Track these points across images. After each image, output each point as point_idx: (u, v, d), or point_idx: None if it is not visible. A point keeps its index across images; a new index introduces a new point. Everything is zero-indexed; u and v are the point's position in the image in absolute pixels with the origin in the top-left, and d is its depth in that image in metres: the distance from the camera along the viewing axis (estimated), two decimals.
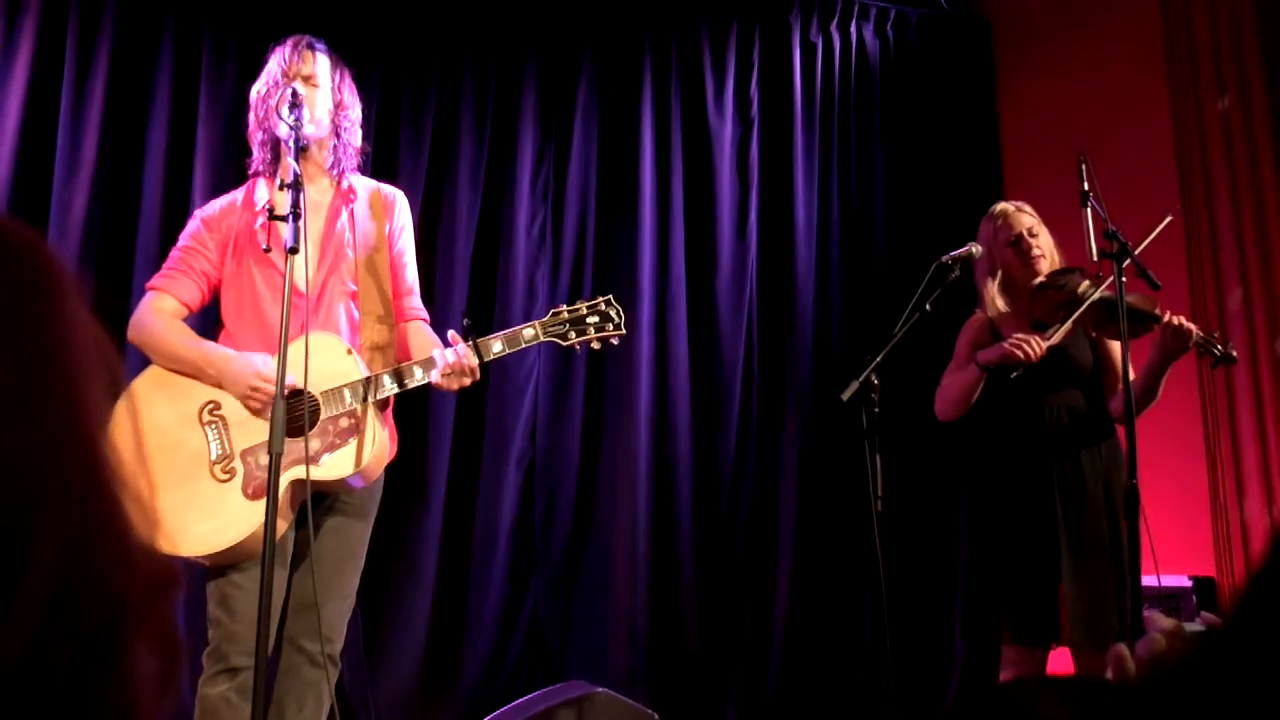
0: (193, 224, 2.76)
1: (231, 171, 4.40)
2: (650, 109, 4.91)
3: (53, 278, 0.55)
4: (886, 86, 5.24)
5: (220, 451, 2.50)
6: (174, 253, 2.73)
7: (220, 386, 2.53)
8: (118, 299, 3.96)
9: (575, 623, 4.54)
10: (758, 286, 4.94)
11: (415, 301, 2.84)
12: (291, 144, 2.46)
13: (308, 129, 2.56)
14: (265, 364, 2.47)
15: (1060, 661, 3.16)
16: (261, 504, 2.40)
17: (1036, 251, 3.16)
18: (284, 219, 2.35)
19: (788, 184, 5.02)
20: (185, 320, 2.70)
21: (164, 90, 4.26)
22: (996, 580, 3.04)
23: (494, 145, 4.67)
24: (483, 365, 2.61)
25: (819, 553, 4.73)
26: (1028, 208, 3.26)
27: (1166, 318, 2.97)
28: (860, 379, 2.84)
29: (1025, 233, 3.18)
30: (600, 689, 3.61)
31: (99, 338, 0.57)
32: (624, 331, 2.72)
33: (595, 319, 2.68)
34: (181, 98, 4.29)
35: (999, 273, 3.23)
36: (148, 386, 2.57)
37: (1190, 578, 3.98)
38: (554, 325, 2.66)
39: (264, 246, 2.50)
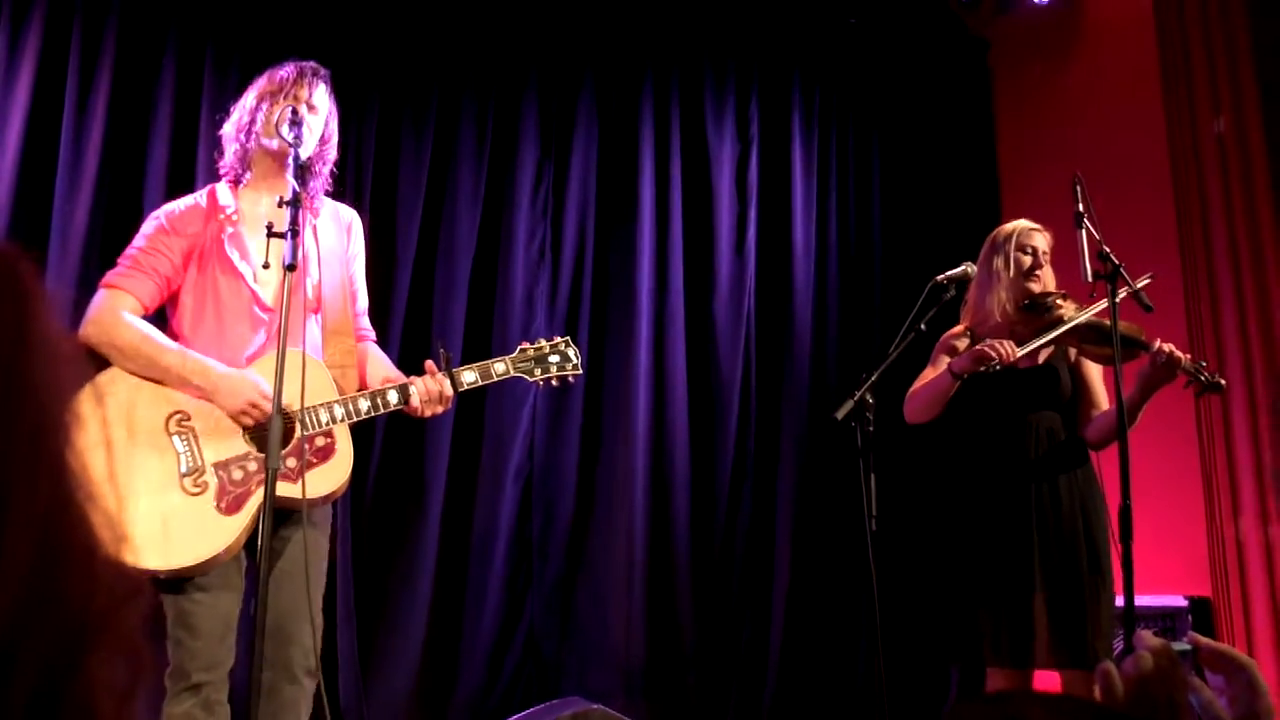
0: (154, 223, 2.68)
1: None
2: (650, 127, 4.94)
3: (24, 291, 0.55)
4: (885, 105, 5.27)
5: (191, 464, 2.43)
6: (132, 250, 2.64)
7: (208, 398, 2.46)
8: None
9: (572, 636, 4.54)
10: (756, 304, 4.96)
11: (365, 322, 2.87)
12: (291, 161, 2.48)
13: (303, 150, 2.55)
14: (267, 380, 2.42)
15: (1046, 684, 3.15)
16: (235, 519, 2.39)
17: (1039, 274, 3.14)
18: (283, 235, 2.36)
19: (786, 202, 5.05)
20: None
21: (165, 107, 4.28)
22: (974, 601, 3.02)
23: (494, 161, 4.69)
24: (457, 393, 2.66)
25: (815, 569, 4.73)
26: (1044, 232, 3.22)
27: (1157, 345, 2.97)
28: (855, 398, 2.85)
29: (1040, 253, 3.16)
30: (596, 706, 3.61)
31: (72, 353, 0.58)
32: (580, 371, 2.80)
33: (556, 358, 2.77)
34: (183, 115, 4.32)
35: (997, 277, 3.15)
36: (115, 391, 2.46)
37: (1186, 597, 3.98)
38: (521, 361, 2.74)
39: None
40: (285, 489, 2.41)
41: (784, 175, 5.08)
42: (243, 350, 2.57)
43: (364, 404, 2.56)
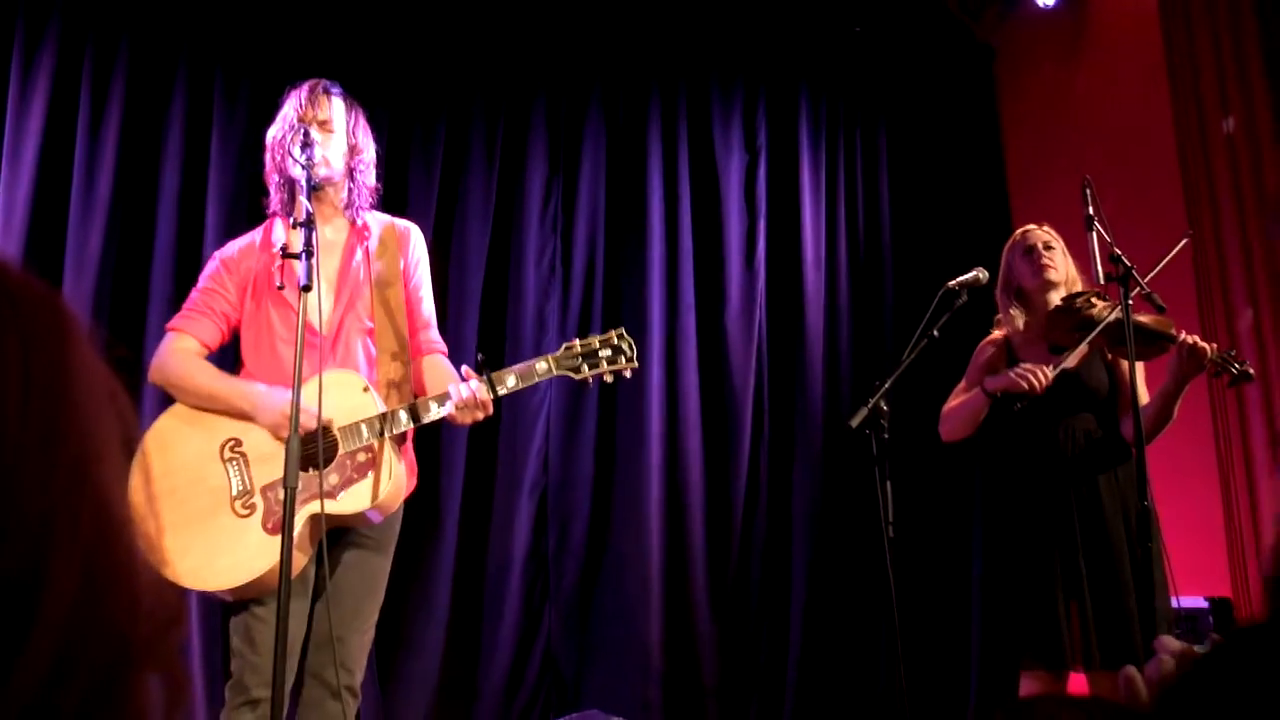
0: (212, 265, 2.79)
1: (244, 212, 4.45)
2: (658, 140, 4.95)
3: (65, 327, 0.57)
4: (892, 113, 5.28)
5: (241, 488, 2.52)
6: (193, 294, 2.76)
7: (252, 418, 2.54)
8: (133, 338, 4.01)
9: (590, 651, 4.53)
10: (767, 315, 4.96)
11: (434, 335, 2.85)
12: (304, 183, 2.50)
13: (320, 170, 2.61)
14: (303, 399, 2.45)
15: (1078, 688, 3.14)
16: (278, 539, 2.41)
17: (1047, 262, 3.18)
18: (297, 257, 2.38)
19: (795, 213, 5.05)
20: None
21: (176, 133, 4.32)
22: (1015, 605, 3.04)
23: (503, 178, 4.71)
24: (496, 400, 2.62)
25: (832, 581, 4.72)
26: (1050, 229, 3.30)
27: (1181, 337, 2.98)
28: (869, 405, 2.85)
29: (1040, 245, 3.21)
30: (616, 718, 3.61)
31: (112, 386, 0.59)
32: (636, 364, 2.74)
33: (608, 352, 2.70)
34: (194, 140, 4.35)
35: (1014, 288, 3.25)
36: (173, 423, 2.60)
37: (1207, 598, 3.95)
38: (567, 359, 2.67)
39: (278, 284, 2.52)
40: (330, 506, 2.47)
41: (792, 185, 5.08)
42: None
43: (403, 416, 2.57)
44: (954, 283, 3.08)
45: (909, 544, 4.27)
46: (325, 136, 2.69)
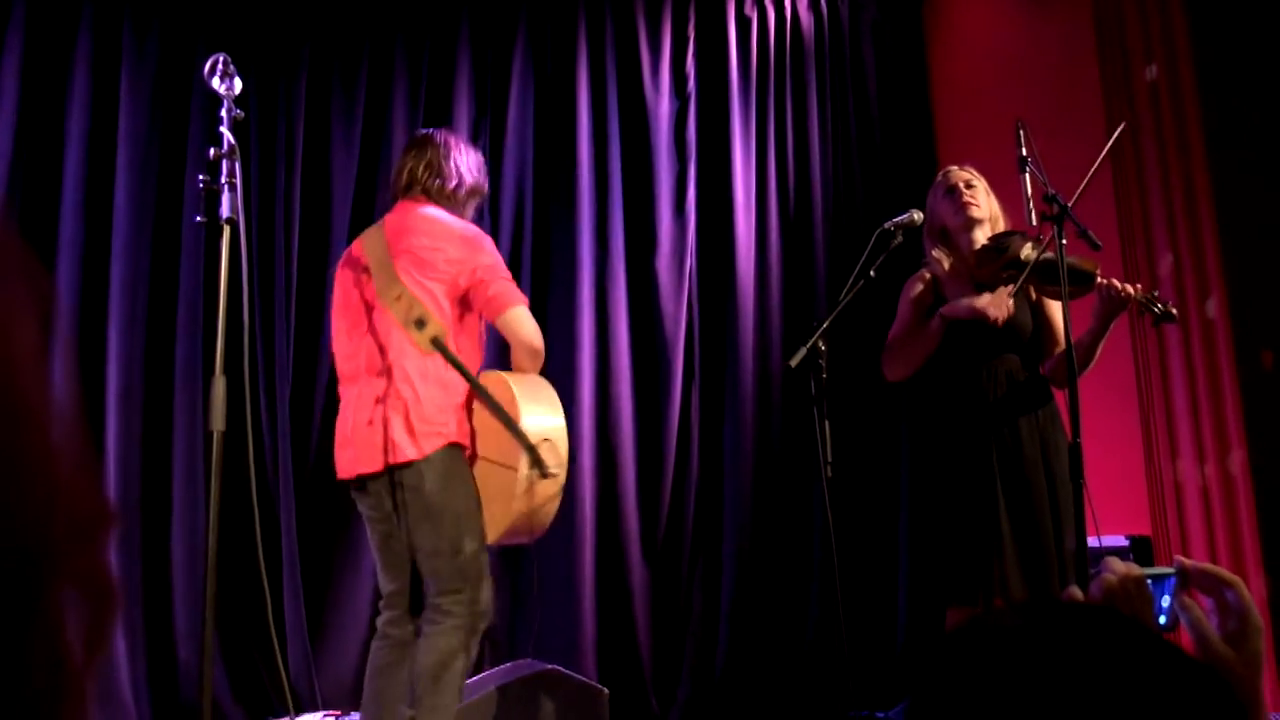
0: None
1: (155, 157, 4.30)
2: (586, 85, 4.87)
3: None
4: (821, 59, 5.25)
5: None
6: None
7: None
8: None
9: (522, 600, 4.51)
10: (698, 261, 4.93)
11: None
12: (225, 114, 2.39)
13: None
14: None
15: None
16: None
17: (969, 199, 3.20)
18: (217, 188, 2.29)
19: (725, 158, 5.02)
20: None
21: (83, 75, 4.15)
22: (939, 547, 3.07)
23: (428, 121, 4.60)
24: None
25: (764, 524, 4.74)
26: (972, 169, 3.31)
27: (1099, 279, 3.01)
28: (808, 345, 2.84)
29: (961, 184, 3.23)
30: (551, 666, 3.59)
31: (24, 260, 0.52)
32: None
33: None
34: (102, 81, 4.18)
35: (938, 229, 3.26)
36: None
37: (1127, 537, 4.05)
38: None
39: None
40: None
41: (723, 131, 5.04)
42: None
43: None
44: (890, 224, 3.08)
45: (842, 486, 4.31)
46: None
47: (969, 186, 3.24)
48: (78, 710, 0.47)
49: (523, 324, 2.84)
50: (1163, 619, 1.09)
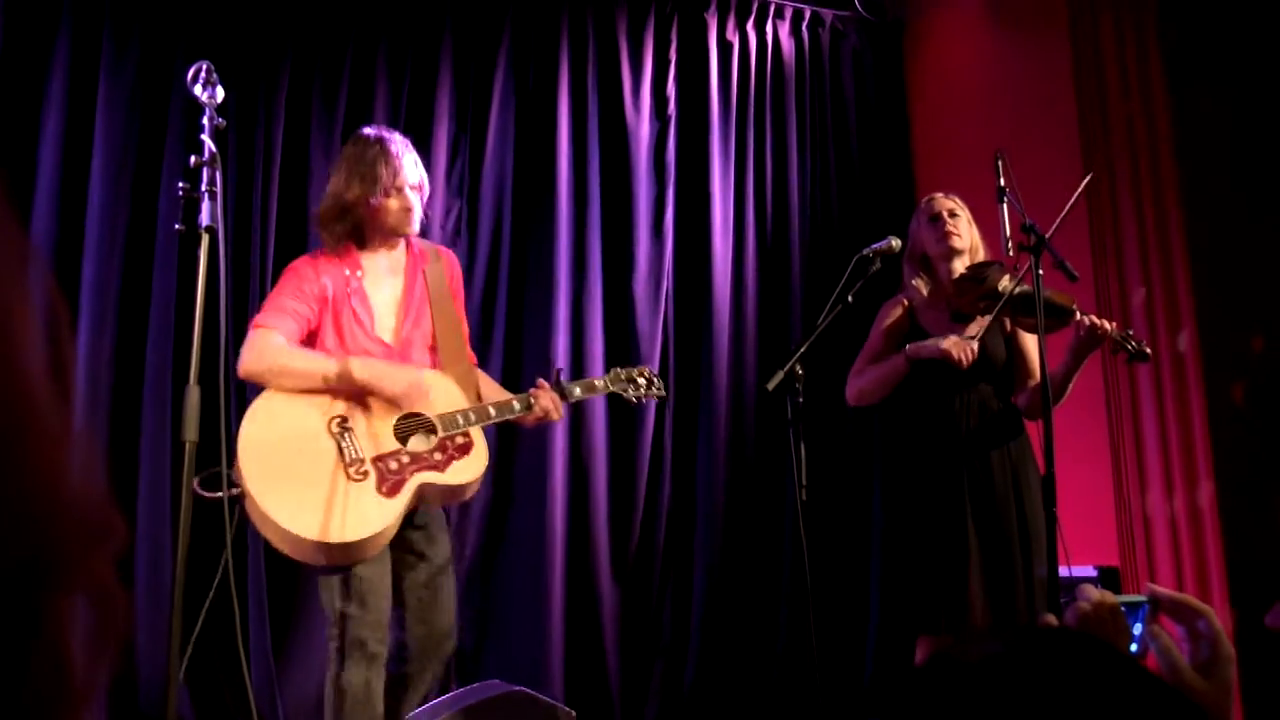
0: (291, 274, 2.94)
1: (131, 162, 4.26)
2: (567, 104, 4.87)
3: None
4: (801, 86, 5.29)
5: (353, 456, 2.71)
6: (277, 298, 2.90)
7: (371, 388, 2.74)
8: None
9: (491, 620, 4.47)
10: (674, 283, 4.93)
11: (469, 348, 3.15)
12: (206, 121, 2.37)
13: (416, 226, 2.94)
14: (422, 377, 2.82)
15: None
16: (395, 500, 2.69)
17: (951, 229, 3.22)
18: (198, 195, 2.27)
19: (704, 181, 5.03)
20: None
21: (59, 78, 4.11)
22: (910, 577, 3.07)
23: (407, 134, 4.57)
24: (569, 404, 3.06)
25: (736, 546, 4.73)
26: (956, 198, 3.33)
27: (1078, 315, 3.03)
28: (785, 369, 2.84)
29: (945, 213, 3.25)
30: (517, 688, 3.55)
31: (24, 250, 0.50)
32: (664, 393, 3.27)
33: (644, 382, 3.19)
34: (79, 86, 4.14)
35: (919, 255, 3.29)
36: (273, 403, 2.75)
37: (1096, 567, 4.07)
38: (617, 381, 3.16)
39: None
40: (433, 476, 2.77)
41: (702, 154, 5.04)
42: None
43: (492, 411, 2.89)
44: (868, 250, 3.10)
45: (816, 510, 4.31)
46: (416, 196, 2.94)
47: (952, 216, 3.26)
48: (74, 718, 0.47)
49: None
50: (1134, 646, 1.09)
